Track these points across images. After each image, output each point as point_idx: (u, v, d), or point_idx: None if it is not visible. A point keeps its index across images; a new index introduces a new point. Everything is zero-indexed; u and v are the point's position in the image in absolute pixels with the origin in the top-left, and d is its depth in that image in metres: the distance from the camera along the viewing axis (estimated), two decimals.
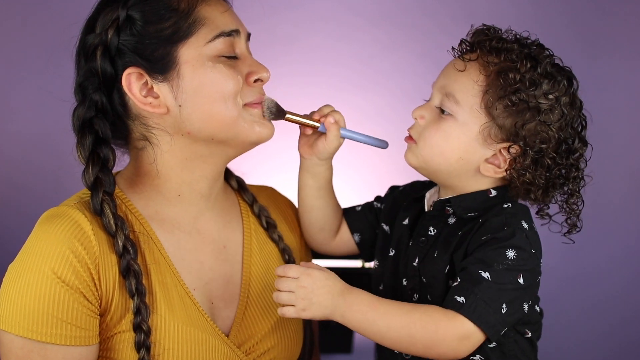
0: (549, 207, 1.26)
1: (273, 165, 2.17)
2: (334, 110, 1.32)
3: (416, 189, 1.36)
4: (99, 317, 1.16)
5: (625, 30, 2.81)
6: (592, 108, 1.29)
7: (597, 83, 2.81)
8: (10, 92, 2.79)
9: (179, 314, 1.19)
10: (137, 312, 1.15)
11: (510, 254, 1.14)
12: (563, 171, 1.22)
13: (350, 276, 1.71)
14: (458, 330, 1.11)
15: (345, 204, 1.43)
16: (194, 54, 1.18)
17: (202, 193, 1.27)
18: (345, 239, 1.41)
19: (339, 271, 1.28)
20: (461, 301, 1.12)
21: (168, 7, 1.18)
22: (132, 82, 1.19)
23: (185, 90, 1.19)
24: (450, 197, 1.24)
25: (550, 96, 1.18)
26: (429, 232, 1.25)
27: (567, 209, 1.25)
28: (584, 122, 1.24)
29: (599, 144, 1.31)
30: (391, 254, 1.31)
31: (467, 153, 1.21)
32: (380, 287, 1.30)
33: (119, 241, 1.16)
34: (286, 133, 1.35)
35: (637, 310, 2.85)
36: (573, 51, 2.88)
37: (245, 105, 1.22)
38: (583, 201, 1.25)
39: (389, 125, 1.36)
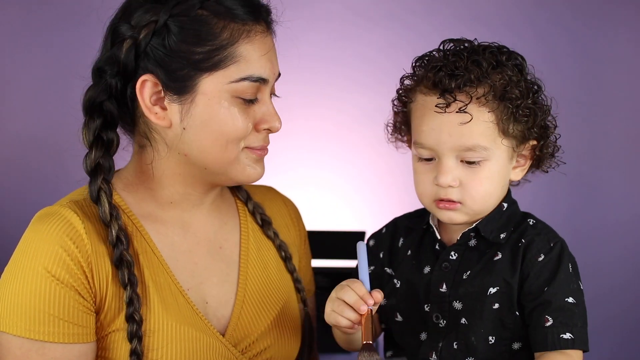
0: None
1: (273, 165, 2.17)
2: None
3: (408, 222, 1.35)
4: (94, 314, 1.16)
5: (627, 25, 2.81)
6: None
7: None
8: (6, 94, 2.79)
9: (173, 312, 1.20)
10: (130, 302, 1.15)
11: (570, 268, 1.20)
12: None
13: (351, 276, 1.71)
14: None
15: (344, 200, 1.43)
16: (215, 89, 1.17)
17: (195, 203, 1.28)
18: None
19: (339, 271, 1.28)
20: (569, 337, 1.15)
21: (209, 32, 1.16)
22: (146, 88, 1.18)
23: (194, 118, 1.18)
24: (476, 227, 1.24)
25: (534, 84, 1.23)
26: (451, 257, 1.25)
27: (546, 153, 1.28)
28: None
29: (598, 140, 1.32)
30: (397, 285, 1.30)
31: (505, 178, 1.24)
32: (398, 319, 1.29)
33: (113, 231, 1.16)
34: (286, 133, 1.35)
35: (635, 307, 2.85)
36: (574, 49, 2.89)
37: (245, 148, 1.21)
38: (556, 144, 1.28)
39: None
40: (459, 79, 1.17)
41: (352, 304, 1.17)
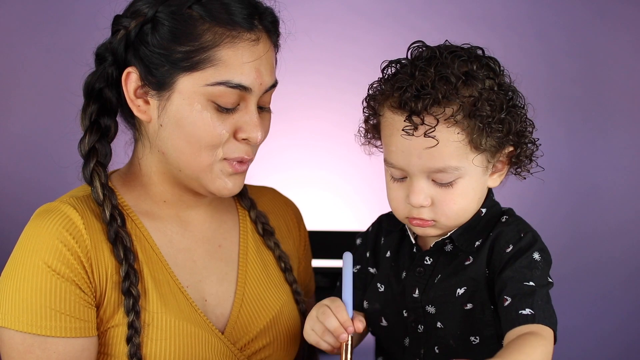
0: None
1: (273, 165, 2.17)
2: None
3: (388, 222, 1.33)
4: (95, 308, 1.17)
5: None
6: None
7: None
8: (5, 94, 2.79)
9: (172, 308, 1.20)
10: (126, 276, 1.15)
11: (536, 256, 1.15)
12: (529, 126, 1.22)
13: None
14: (550, 341, 1.09)
15: (344, 200, 1.43)
16: (190, 89, 1.16)
17: (190, 204, 1.28)
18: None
19: (339, 271, 1.27)
20: (528, 312, 1.08)
21: (192, 32, 1.16)
22: (130, 80, 1.19)
23: (169, 116, 1.18)
24: (451, 236, 1.21)
25: (508, 91, 1.18)
26: (425, 262, 1.23)
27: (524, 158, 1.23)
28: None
29: (598, 139, 1.31)
30: (381, 289, 1.28)
31: (481, 191, 1.20)
32: (383, 323, 1.27)
33: (107, 210, 1.17)
34: (286, 133, 1.34)
35: (637, 309, 2.84)
36: (574, 48, 2.89)
37: (224, 159, 1.20)
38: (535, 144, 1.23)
39: None
40: (426, 99, 1.11)
41: (333, 331, 1.15)
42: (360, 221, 2.90)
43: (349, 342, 1.15)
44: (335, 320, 1.15)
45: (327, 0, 2.87)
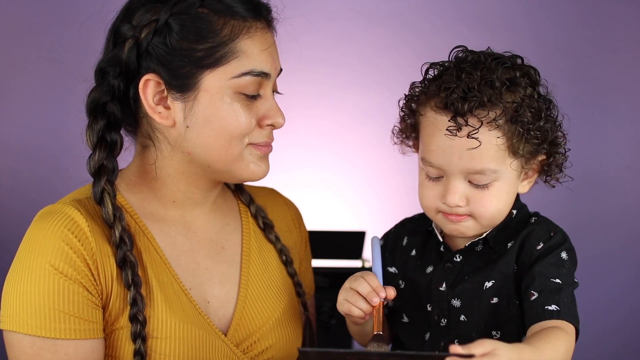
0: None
1: (273, 165, 2.17)
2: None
3: (412, 225, 1.36)
4: (101, 309, 1.17)
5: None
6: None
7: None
8: (6, 96, 2.79)
9: (176, 310, 1.20)
10: (133, 303, 1.16)
11: (564, 255, 1.19)
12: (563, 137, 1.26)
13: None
14: (573, 337, 1.14)
15: (344, 200, 1.43)
16: (217, 85, 1.18)
17: (198, 202, 1.29)
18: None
19: (339, 271, 1.28)
20: (554, 309, 1.14)
21: (209, 29, 1.18)
22: (149, 87, 1.19)
23: (197, 116, 1.19)
24: (486, 237, 1.24)
25: (546, 101, 1.22)
26: (455, 259, 1.26)
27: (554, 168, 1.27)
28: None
29: (597, 138, 1.32)
30: (402, 286, 1.31)
31: (513, 195, 1.24)
32: (404, 320, 1.30)
33: (117, 232, 1.17)
34: (286, 133, 1.35)
35: (637, 311, 2.85)
36: (573, 48, 2.89)
37: (249, 144, 1.22)
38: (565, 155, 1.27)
39: (391, 124, 1.36)
40: (472, 102, 1.15)
41: (365, 295, 1.20)
42: (360, 221, 2.90)
43: (381, 308, 1.20)
44: (367, 286, 1.21)
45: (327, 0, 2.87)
